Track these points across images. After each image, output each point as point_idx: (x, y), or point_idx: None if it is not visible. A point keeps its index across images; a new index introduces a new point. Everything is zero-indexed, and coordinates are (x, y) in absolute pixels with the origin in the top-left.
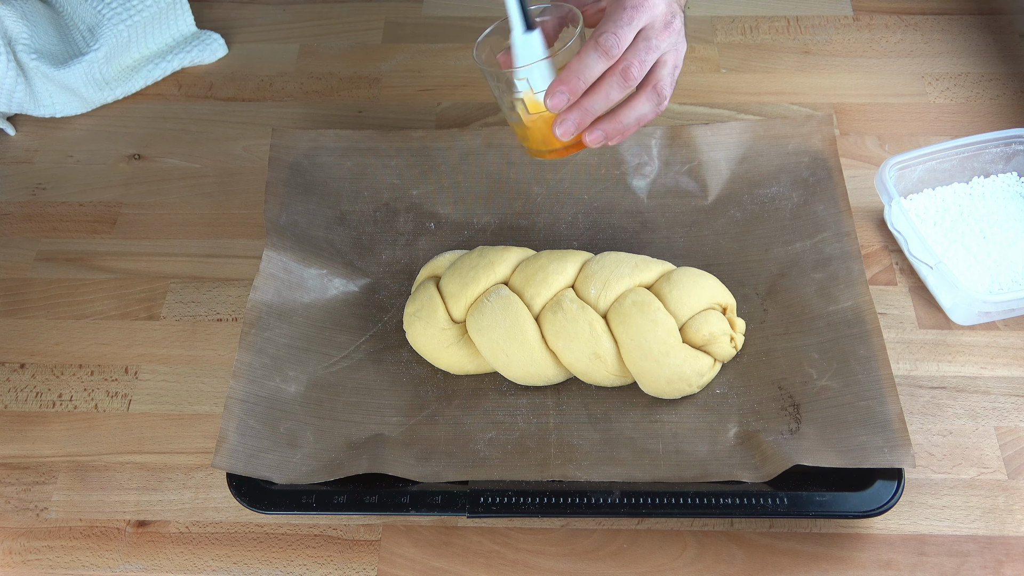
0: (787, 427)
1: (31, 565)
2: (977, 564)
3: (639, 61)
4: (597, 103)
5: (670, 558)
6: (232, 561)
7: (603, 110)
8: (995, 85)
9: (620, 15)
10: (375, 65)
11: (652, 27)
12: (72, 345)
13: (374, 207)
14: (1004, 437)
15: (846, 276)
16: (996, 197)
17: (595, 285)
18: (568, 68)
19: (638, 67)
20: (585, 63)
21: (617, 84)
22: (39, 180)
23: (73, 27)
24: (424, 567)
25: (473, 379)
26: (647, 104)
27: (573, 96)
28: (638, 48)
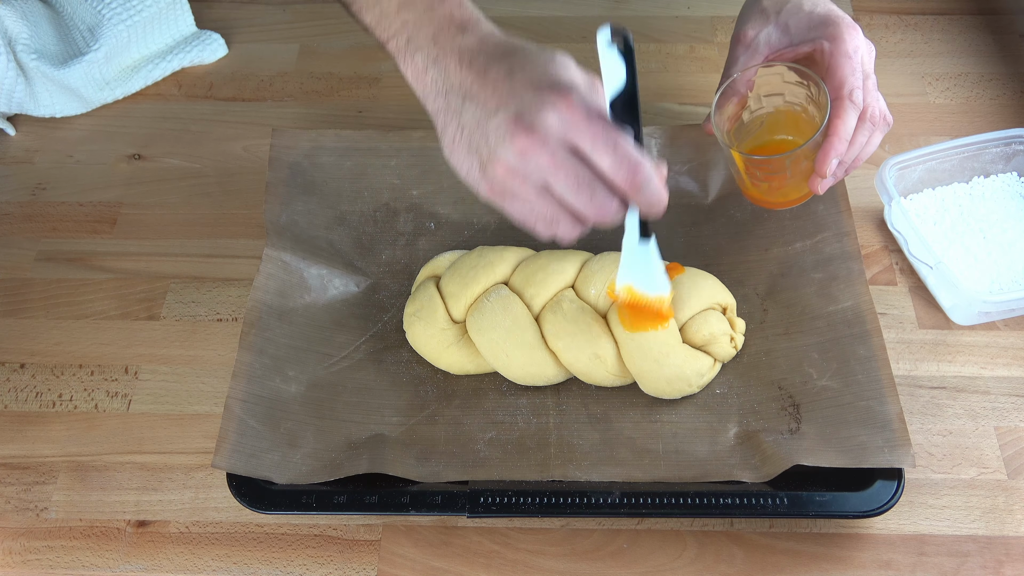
0: (787, 427)
1: (31, 565)
2: (977, 564)
3: (874, 101)
4: (852, 155)
5: (670, 558)
6: (232, 561)
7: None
8: (995, 85)
9: (849, 64)
10: (375, 65)
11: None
12: (72, 345)
13: (374, 207)
14: (1004, 437)
15: (846, 276)
16: (996, 197)
17: (595, 285)
18: (836, 134)
19: (876, 108)
20: (847, 124)
21: (867, 131)
22: (39, 180)
23: (73, 27)
24: (424, 567)
25: (473, 379)
26: (880, 135)
27: (842, 158)
28: (868, 89)
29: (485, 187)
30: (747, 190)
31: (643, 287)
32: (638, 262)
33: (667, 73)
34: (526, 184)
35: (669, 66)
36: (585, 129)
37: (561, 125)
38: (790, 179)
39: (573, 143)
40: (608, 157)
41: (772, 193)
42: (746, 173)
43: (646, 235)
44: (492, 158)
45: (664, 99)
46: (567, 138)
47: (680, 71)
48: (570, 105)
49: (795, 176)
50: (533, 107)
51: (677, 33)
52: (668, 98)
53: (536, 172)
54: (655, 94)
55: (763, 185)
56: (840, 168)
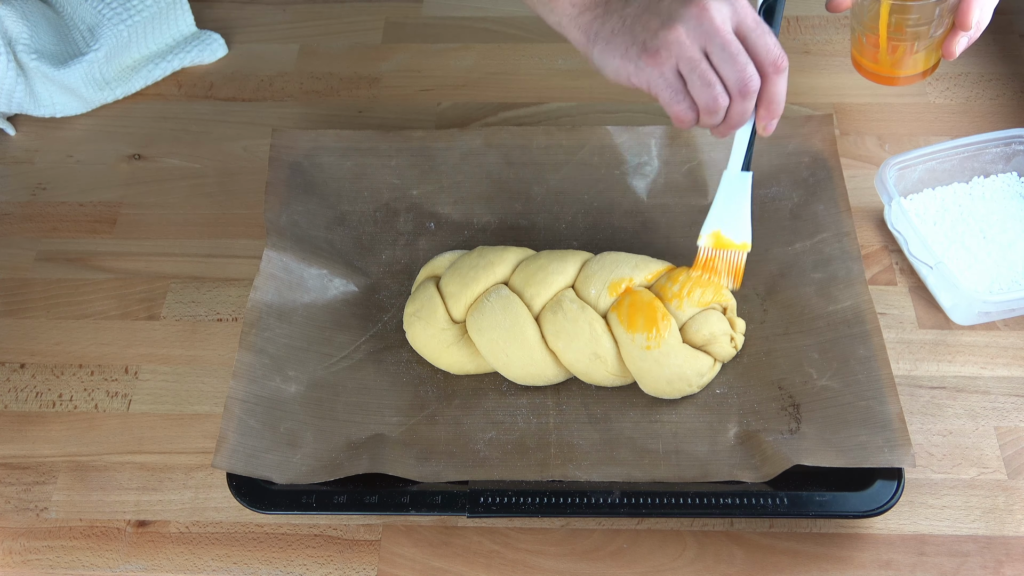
0: (787, 427)
1: (31, 565)
2: (977, 564)
3: None
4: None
5: (670, 558)
6: (232, 561)
7: None
8: (995, 85)
9: None
10: (375, 65)
11: None
12: (72, 345)
13: (374, 207)
14: (1004, 437)
15: (846, 276)
16: (996, 197)
17: (595, 285)
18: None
19: None
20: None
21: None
22: (39, 180)
23: (73, 27)
24: (424, 567)
25: (473, 379)
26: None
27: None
28: None
29: (647, 58)
30: (870, 62)
31: (730, 232)
32: (732, 198)
33: None
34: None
35: None
36: (750, 12)
37: (731, 6)
38: (929, 41)
39: (739, 22)
40: (767, 38)
41: (901, 63)
42: (887, 30)
43: (748, 167)
44: (668, 23)
45: None
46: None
47: None
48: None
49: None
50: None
51: None
52: None
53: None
54: None
55: (900, 46)
56: (976, 29)
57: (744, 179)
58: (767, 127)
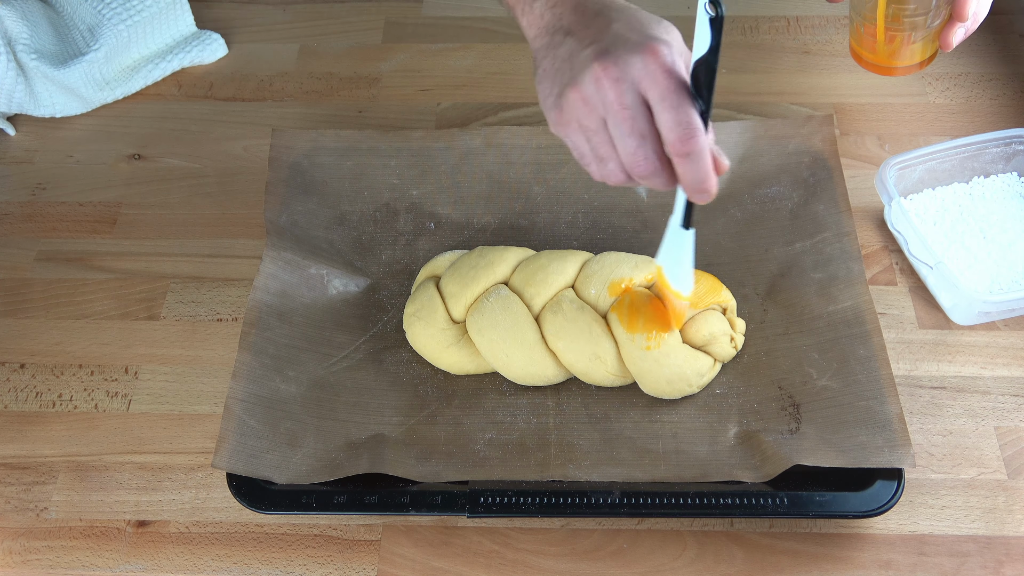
0: (787, 427)
1: (31, 565)
2: (977, 564)
3: None
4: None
5: (670, 558)
6: (232, 561)
7: None
8: (995, 85)
9: None
10: (375, 65)
11: None
12: (72, 345)
13: (374, 207)
14: (1004, 437)
15: (846, 276)
16: (996, 197)
17: (595, 285)
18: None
19: None
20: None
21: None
22: (39, 180)
23: (73, 27)
24: (424, 567)
25: (473, 379)
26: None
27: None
28: None
29: (554, 115)
30: (868, 53)
31: (669, 276)
32: (673, 248)
33: None
34: (591, 115)
35: None
36: (660, 81)
37: (640, 71)
38: (927, 31)
39: (644, 92)
40: (669, 114)
41: (899, 53)
42: (885, 20)
43: (687, 225)
44: (571, 83)
45: None
46: (641, 85)
47: None
48: (656, 57)
49: (931, 29)
50: (622, 48)
51: None
52: None
53: (602, 105)
54: None
55: (898, 37)
56: (972, 19)
57: (685, 236)
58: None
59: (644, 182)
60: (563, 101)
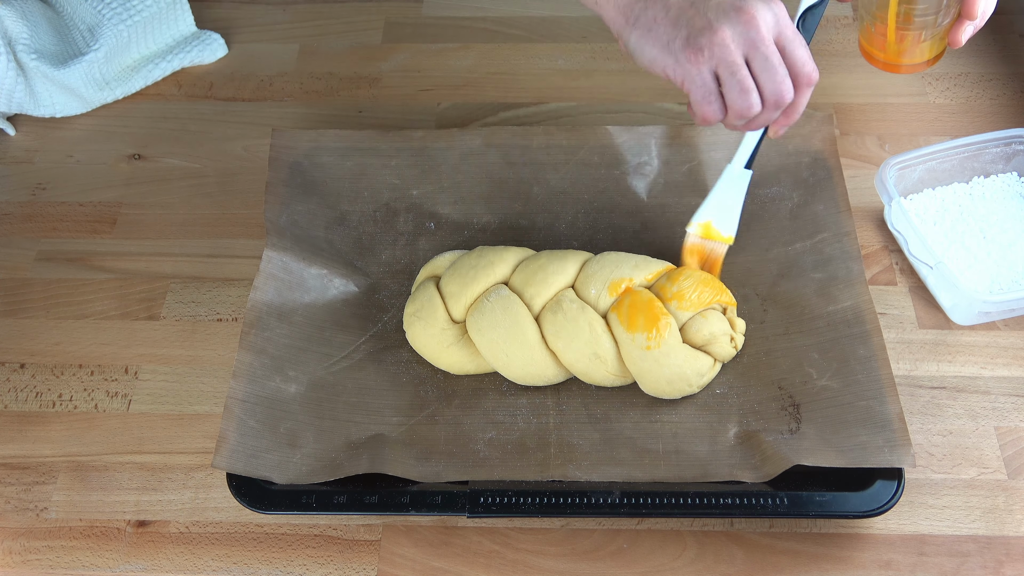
0: (787, 427)
1: (31, 565)
2: (977, 564)
3: None
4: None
5: (670, 558)
6: (232, 561)
7: None
8: (995, 85)
9: None
10: (375, 65)
11: None
12: (72, 345)
13: (374, 207)
14: (1004, 437)
15: (846, 276)
16: (996, 197)
17: (595, 285)
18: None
19: None
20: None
21: None
22: (39, 180)
23: (73, 27)
24: (424, 567)
25: (473, 379)
26: None
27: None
28: None
29: (687, 55)
30: (877, 51)
31: (719, 224)
32: (729, 192)
33: None
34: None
35: None
36: (789, 25)
37: (773, 17)
38: (936, 30)
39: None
40: (803, 51)
41: (909, 51)
42: (896, 19)
43: (750, 166)
44: (709, 26)
45: (664, 99)
46: (777, 27)
47: None
48: (781, 6)
49: (941, 28)
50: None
51: None
52: (668, 98)
53: (748, 43)
54: (655, 94)
55: (908, 35)
56: (982, 18)
57: (745, 176)
58: (779, 132)
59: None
60: (702, 40)
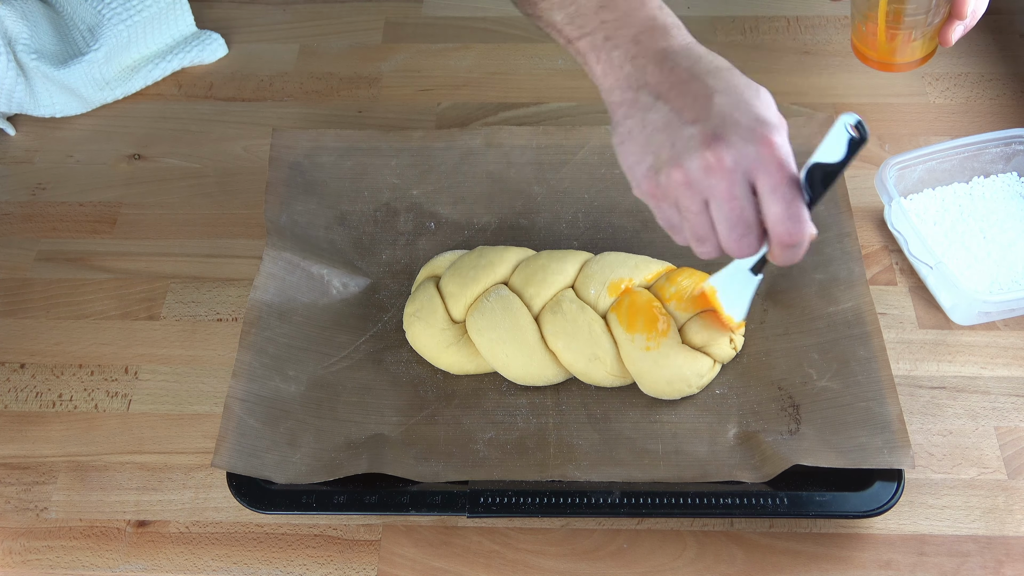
0: (787, 428)
1: (31, 565)
2: (977, 564)
3: None
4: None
5: (670, 558)
6: (232, 561)
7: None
8: (995, 85)
9: None
10: (375, 65)
11: None
12: (72, 345)
13: (374, 207)
14: (1004, 437)
15: (846, 277)
16: (996, 197)
17: (595, 285)
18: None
19: None
20: None
21: None
22: (39, 180)
23: (73, 27)
24: (424, 567)
25: (473, 379)
26: None
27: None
28: None
29: (647, 186)
30: (869, 50)
31: (724, 300)
32: (734, 282)
33: None
34: (694, 198)
35: None
36: (774, 174)
37: (754, 161)
38: (927, 29)
39: (755, 181)
40: (780, 208)
41: (900, 50)
42: (886, 18)
43: (758, 271)
44: (672, 163)
45: None
46: (753, 175)
47: None
48: (772, 149)
49: (931, 27)
50: (734, 135)
51: None
52: None
53: (708, 191)
54: None
55: (898, 34)
56: (972, 17)
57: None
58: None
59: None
60: (661, 178)
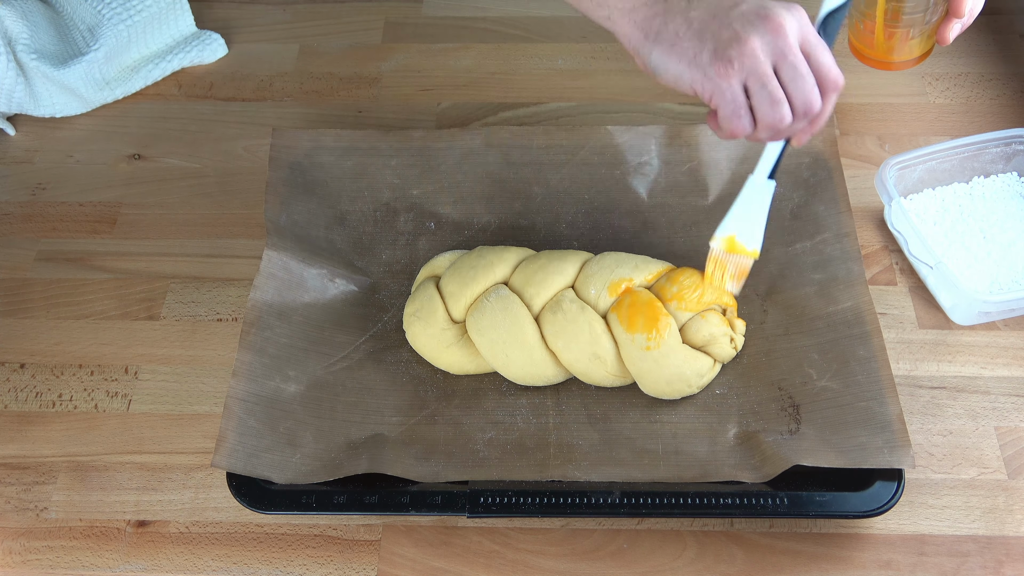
0: (787, 428)
1: (31, 565)
2: (977, 564)
3: None
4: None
5: (670, 558)
6: (232, 561)
7: None
8: (995, 85)
9: None
10: (375, 65)
11: None
12: (72, 345)
13: (374, 207)
14: (1004, 437)
15: (846, 277)
16: (996, 197)
17: (595, 285)
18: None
19: None
20: None
21: None
22: (39, 180)
23: (73, 27)
24: (424, 567)
25: (473, 379)
26: None
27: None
28: None
29: (717, 68)
30: (866, 48)
31: (744, 238)
32: (753, 205)
33: None
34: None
35: None
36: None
37: (797, 25)
38: (924, 27)
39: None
40: (828, 56)
41: (897, 49)
42: (884, 16)
43: (773, 176)
44: (736, 38)
45: (664, 99)
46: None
47: None
48: (803, 13)
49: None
50: (778, 7)
51: None
52: (668, 98)
53: (776, 53)
54: (655, 94)
55: (896, 33)
56: (969, 15)
57: (768, 187)
58: (803, 140)
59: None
60: (731, 52)
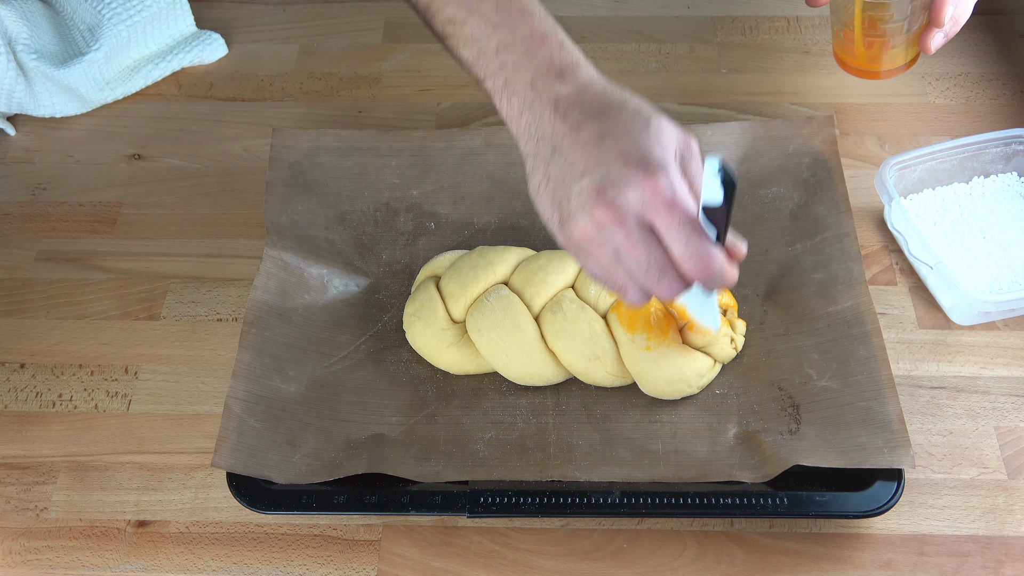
0: (787, 428)
1: (31, 565)
2: (977, 564)
3: None
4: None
5: (670, 558)
6: (232, 561)
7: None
8: (995, 85)
9: None
10: (375, 65)
11: None
12: (72, 345)
13: (374, 207)
14: (1004, 437)
15: (846, 277)
16: (996, 197)
17: (595, 285)
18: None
19: None
20: None
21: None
22: (39, 180)
23: (73, 27)
24: (424, 567)
25: (473, 379)
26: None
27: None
28: None
29: (562, 239)
30: (849, 57)
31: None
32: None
33: (667, 73)
34: (601, 249)
35: (669, 66)
36: (664, 214)
37: (641, 204)
38: (905, 36)
39: (650, 223)
40: (679, 247)
41: (879, 58)
42: (862, 26)
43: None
44: (571, 219)
45: (664, 99)
46: (645, 218)
47: (680, 71)
48: (655, 188)
49: (910, 34)
50: (618, 181)
51: (677, 33)
52: (668, 98)
53: (610, 243)
54: (655, 94)
55: (876, 42)
56: (951, 23)
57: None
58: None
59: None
60: (571, 232)
